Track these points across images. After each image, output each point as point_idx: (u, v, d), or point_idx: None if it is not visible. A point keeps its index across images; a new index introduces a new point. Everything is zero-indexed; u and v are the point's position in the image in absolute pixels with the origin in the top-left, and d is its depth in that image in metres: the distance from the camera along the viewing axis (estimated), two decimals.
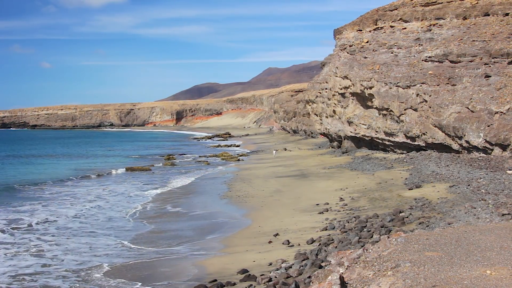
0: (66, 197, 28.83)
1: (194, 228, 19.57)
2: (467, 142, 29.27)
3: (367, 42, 40.72)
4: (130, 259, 15.40)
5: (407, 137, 35.05)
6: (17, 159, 58.40)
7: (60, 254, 16.33)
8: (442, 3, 36.91)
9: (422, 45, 35.73)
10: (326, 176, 31.60)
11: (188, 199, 26.85)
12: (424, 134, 33.11)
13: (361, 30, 42.11)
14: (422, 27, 36.78)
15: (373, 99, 38.10)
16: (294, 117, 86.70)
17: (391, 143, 37.74)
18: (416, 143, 34.47)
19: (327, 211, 20.01)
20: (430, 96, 32.39)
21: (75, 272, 14.38)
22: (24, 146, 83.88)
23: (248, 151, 63.28)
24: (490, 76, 30.58)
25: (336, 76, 44.23)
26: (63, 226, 20.68)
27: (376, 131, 38.95)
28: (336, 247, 13.60)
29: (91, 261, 15.39)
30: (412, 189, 21.63)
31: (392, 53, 37.61)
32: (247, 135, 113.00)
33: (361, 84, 39.08)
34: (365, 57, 40.08)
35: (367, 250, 7.97)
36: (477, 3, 34.92)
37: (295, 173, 35.06)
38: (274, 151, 53.22)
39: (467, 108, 29.84)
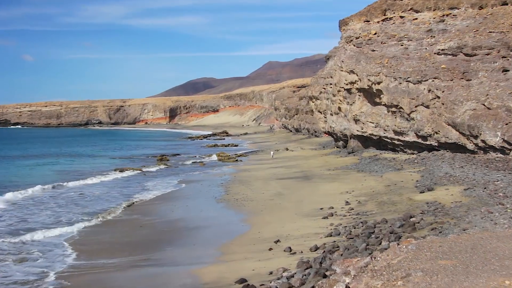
0: (40, 204, 28.61)
1: (188, 234, 19.57)
2: (483, 141, 29.29)
3: (375, 34, 40.77)
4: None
5: (418, 136, 35.10)
6: None
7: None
8: None
9: (434, 37, 35.80)
10: (330, 178, 31.77)
11: (182, 202, 26.94)
12: (436, 133, 33.14)
13: (369, 21, 42.16)
14: (434, 18, 36.84)
15: (381, 95, 38.13)
16: (296, 114, 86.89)
17: (401, 143, 37.82)
18: (427, 142, 34.53)
19: (332, 215, 20.05)
20: (443, 92, 32.45)
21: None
22: (4, 146, 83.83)
23: (247, 151, 63.49)
24: (508, 71, 30.63)
25: (342, 71, 44.24)
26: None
27: (385, 130, 38.99)
28: (341, 254, 13.59)
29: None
30: (423, 192, 21.68)
31: (402, 45, 37.69)
32: (246, 134, 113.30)
33: (369, 79, 39.10)
34: (373, 50, 40.11)
35: (375, 258, 7.97)
36: None
37: (297, 174, 35.24)
38: (271, 152, 53.43)
39: (483, 105, 29.87)
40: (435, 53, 34.47)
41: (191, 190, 31.81)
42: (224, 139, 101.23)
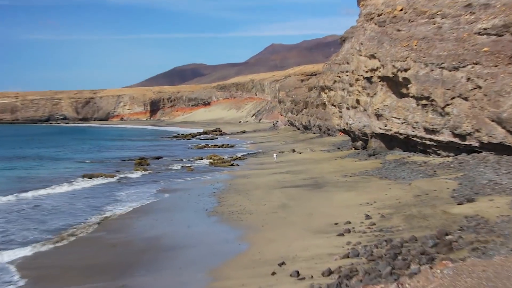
0: None
1: (172, 255, 19.60)
2: None
3: (401, 10, 40.75)
4: None
5: (455, 135, 35.07)
6: None
7: None
8: None
9: (474, 13, 35.75)
10: (347, 186, 31.89)
11: (165, 216, 27.06)
12: (477, 130, 33.10)
13: None
14: None
15: (409, 85, 38.12)
16: (305, 108, 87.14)
17: (434, 143, 37.84)
18: (466, 142, 34.51)
19: (349, 232, 20.10)
20: (485, 80, 32.39)
21: None
22: None
23: (245, 153, 63.78)
24: None
25: (361, 55, 44.22)
26: None
27: (414, 127, 38.98)
28: (361, 280, 13.55)
29: None
30: (462, 204, 21.68)
31: (434, 24, 37.67)
32: (244, 132, 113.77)
33: (394, 66, 39.08)
34: (399, 30, 40.09)
35: (402, 285, 7.95)
36: None
37: (306, 182, 35.38)
38: (274, 155, 53.77)
39: None
40: (475, 33, 34.45)
41: (177, 201, 31.96)
42: (217, 138, 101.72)
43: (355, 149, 51.15)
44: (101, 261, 19.31)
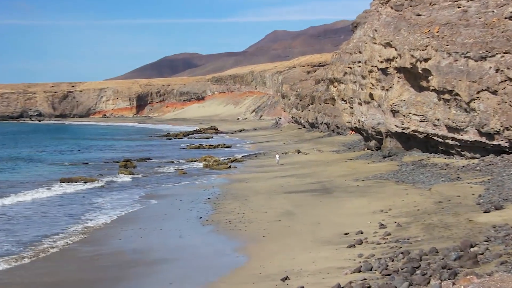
0: None
1: (162, 269, 19.54)
2: None
3: None
4: None
5: (482, 134, 35.00)
6: None
7: None
8: None
9: None
10: (359, 191, 31.78)
11: (153, 225, 26.96)
12: (507, 128, 33.04)
13: None
14: None
15: (429, 78, 38.05)
16: (312, 104, 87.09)
17: (457, 143, 37.72)
18: (495, 142, 34.41)
19: (361, 243, 20.04)
20: None
21: None
22: None
23: (244, 154, 63.79)
24: None
25: (375, 43, 44.14)
26: None
27: (434, 125, 38.92)
28: None
29: None
30: (489, 212, 21.64)
31: (459, 7, 37.56)
32: (242, 130, 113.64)
33: (412, 55, 39.01)
34: (418, 15, 40.04)
35: None
36: None
37: (313, 187, 35.32)
38: (277, 156, 53.60)
39: None
40: (506, 18, 34.35)
41: (167, 208, 31.86)
42: (212, 137, 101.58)
43: (368, 149, 51.01)
44: (82, 277, 19.20)
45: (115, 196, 36.98)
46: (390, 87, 43.03)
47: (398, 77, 42.10)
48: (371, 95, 46.36)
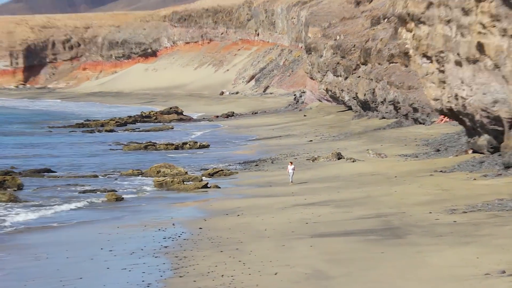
0: None
1: None
2: None
3: None
4: None
5: None
6: None
7: None
8: None
9: None
10: (456, 233, 24.09)
11: None
12: None
13: None
14: None
15: None
16: (365, 64, 66.22)
17: None
18: None
19: None
20: None
21: None
22: None
23: (234, 162, 48.10)
24: None
25: None
26: None
27: None
28: None
29: None
30: None
31: None
32: (233, 115, 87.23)
33: None
34: None
35: None
36: None
37: (367, 225, 26.58)
38: (290, 168, 38.33)
39: None
40: None
41: (83, 264, 23.03)
42: (172, 128, 75.35)
43: (474, 152, 40.12)
44: None
45: None
46: None
47: None
48: (480, 46, 35.70)
